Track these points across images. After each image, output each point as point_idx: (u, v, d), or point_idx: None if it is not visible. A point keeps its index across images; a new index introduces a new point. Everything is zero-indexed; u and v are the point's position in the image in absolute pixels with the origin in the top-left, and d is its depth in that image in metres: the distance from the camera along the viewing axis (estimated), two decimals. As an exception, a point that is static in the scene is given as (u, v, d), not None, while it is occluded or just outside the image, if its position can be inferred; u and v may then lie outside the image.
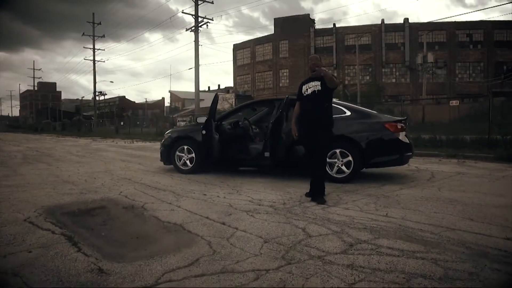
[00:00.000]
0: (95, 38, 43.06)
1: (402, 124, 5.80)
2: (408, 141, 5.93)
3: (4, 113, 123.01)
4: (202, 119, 6.51)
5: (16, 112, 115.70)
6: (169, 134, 7.28)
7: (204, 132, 5.96)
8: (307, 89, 4.61)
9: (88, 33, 42.89)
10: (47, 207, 4.05)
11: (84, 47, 44.00)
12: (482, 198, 4.47)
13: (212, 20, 26.58)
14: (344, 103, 6.31)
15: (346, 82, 43.49)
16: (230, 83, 60.56)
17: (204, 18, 26.53)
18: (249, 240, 2.88)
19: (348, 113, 5.93)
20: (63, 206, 4.12)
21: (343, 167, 5.66)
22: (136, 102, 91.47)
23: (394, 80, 43.46)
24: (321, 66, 4.65)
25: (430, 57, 34.42)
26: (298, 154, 6.21)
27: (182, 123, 43.70)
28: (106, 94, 64.61)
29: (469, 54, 42.00)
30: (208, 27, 26.79)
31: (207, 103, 56.71)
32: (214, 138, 6.12)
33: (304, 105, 4.64)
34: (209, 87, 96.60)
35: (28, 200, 4.40)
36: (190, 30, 26.78)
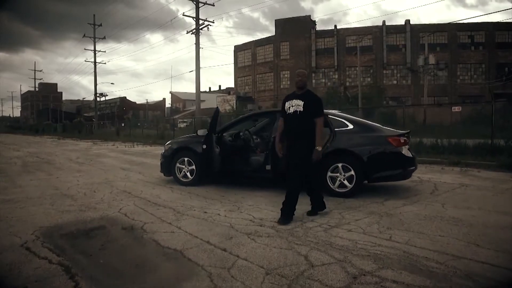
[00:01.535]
0: (96, 40, 43.07)
1: (405, 138, 5.73)
2: (411, 155, 5.86)
3: (6, 113, 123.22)
4: (202, 132, 6.45)
5: (17, 113, 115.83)
6: (170, 145, 7.21)
7: (204, 146, 5.90)
8: (289, 107, 4.42)
9: (88, 34, 42.92)
10: (45, 228, 3.99)
11: (85, 49, 43.97)
12: (487, 218, 4.39)
13: (213, 22, 26.68)
14: (346, 115, 6.23)
15: (347, 83, 43.43)
16: (231, 84, 60.54)
17: (205, 20, 26.46)
18: (251, 271, 2.81)
19: (350, 126, 5.85)
20: (62, 227, 4.06)
21: (345, 182, 5.59)
22: (137, 102, 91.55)
23: (395, 82, 43.35)
24: (307, 82, 4.55)
25: (432, 59, 34.34)
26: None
27: (183, 125, 43.72)
28: (107, 95, 64.73)
29: (470, 56, 41.89)
30: (209, 29, 26.68)
31: (208, 104, 56.69)
32: (214, 151, 6.05)
33: (286, 123, 4.47)
34: (210, 88, 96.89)
35: (26, 219, 4.34)
36: (191, 32, 26.72)
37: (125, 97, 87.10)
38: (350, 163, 5.58)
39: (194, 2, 25.92)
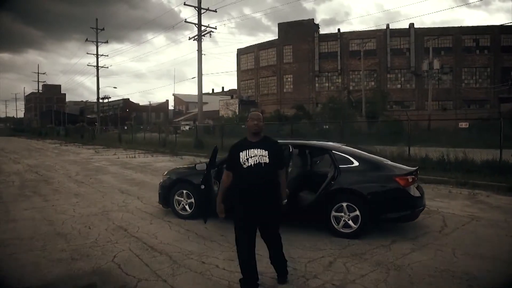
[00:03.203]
0: (99, 43, 42.97)
1: (413, 176, 5.46)
2: (419, 194, 5.60)
3: (10, 115, 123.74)
4: (200, 166, 6.21)
5: (21, 114, 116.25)
6: (168, 175, 6.97)
7: (202, 187, 5.65)
8: (247, 159, 3.63)
9: (91, 37, 42.81)
10: (32, 288, 3.77)
11: (87, 53, 43.80)
12: (504, 272, 4.13)
13: (215, 28, 26.37)
14: (352, 150, 5.92)
15: (351, 88, 43.14)
16: (234, 85, 60.41)
17: (207, 27, 26.26)
18: None
19: (355, 163, 5.59)
20: (49, 286, 3.83)
21: (350, 222, 5.34)
22: (140, 104, 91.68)
23: (399, 86, 43.08)
24: (263, 127, 3.77)
25: (436, 64, 33.96)
26: (302, 203, 5.92)
27: (187, 128, 43.54)
28: (110, 97, 64.71)
29: (475, 60, 41.55)
30: (211, 36, 26.41)
31: (210, 106, 56.59)
32: (213, 190, 5.79)
33: (243, 179, 3.66)
34: (213, 90, 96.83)
35: (13, 274, 4.10)
36: (193, 39, 26.51)
37: (128, 98, 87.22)
38: (355, 203, 5.32)
39: (196, 9, 25.71)
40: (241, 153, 3.67)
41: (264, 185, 3.63)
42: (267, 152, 3.66)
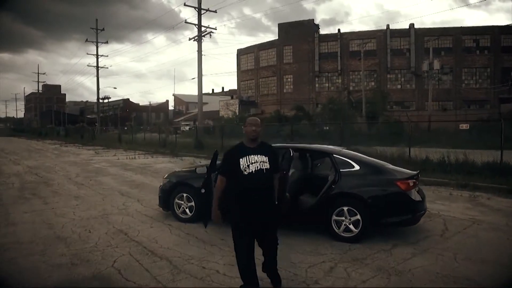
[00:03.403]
0: (99, 43, 42.97)
1: (414, 180, 5.45)
2: (420, 198, 5.58)
3: (10, 115, 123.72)
4: (201, 170, 6.20)
5: (21, 114, 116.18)
6: (168, 179, 6.95)
7: (203, 191, 5.64)
8: (248, 165, 3.58)
9: (91, 37, 42.82)
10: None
11: (87, 53, 43.84)
12: (506, 277, 4.11)
13: (215, 29, 26.34)
14: (352, 154, 5.92)
15: (351, 88, 43.13)
16: (234, 85, 60.39)
17: (207, 27, 26.24)
18: None
19: (356, 167, 5.58)
20: (49, 293, 3.82)
21: (351, 226, 5.32)
22: (140, 104, 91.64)
23: (399, 86, 43.06)
24: (260, 133, 3.71)
25: (436, 64, 33.94)
26: (303, 207, 5.90)
27: (187, 128, 43.55)
28: (110, 97, 64.65)
29: (475, 60, 41.53)
30: (211, 36, 26.43)
31: (210, 107, 56.59)
32: (213, 195, 5.78)
33: (244, 186, 3.59)
34: (213, 90, 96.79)
35: (11, 281, 4.08)
36: (193, 39, 26.50)
37: (128, 98, 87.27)
38: (356, 207, 5.31)
39: (196, 9, 25.69)
40: (241, 159, 3.60)
41: (265, 190, 3.65)
42: (267, 158, 3.66)
